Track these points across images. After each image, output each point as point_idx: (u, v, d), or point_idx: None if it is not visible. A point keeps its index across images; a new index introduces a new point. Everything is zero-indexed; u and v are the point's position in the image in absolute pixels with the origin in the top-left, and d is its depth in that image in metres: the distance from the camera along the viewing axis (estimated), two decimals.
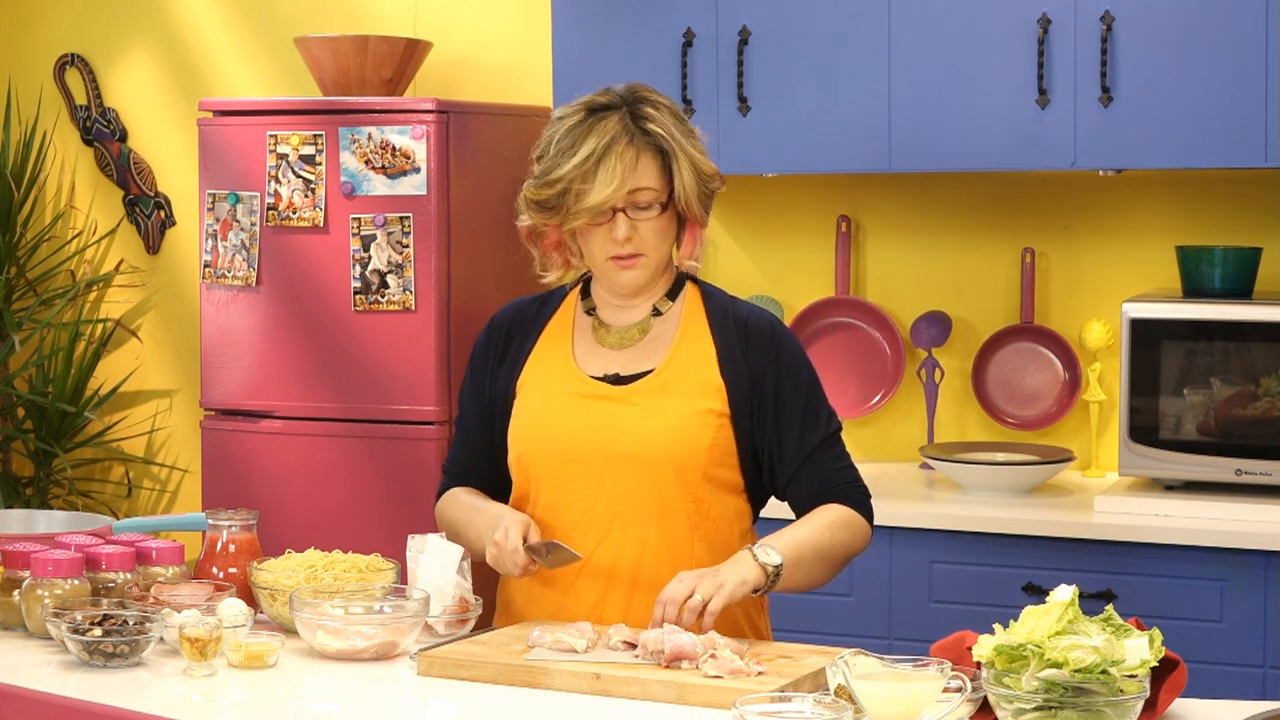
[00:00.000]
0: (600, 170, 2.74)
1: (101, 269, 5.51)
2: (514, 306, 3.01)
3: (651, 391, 2.82)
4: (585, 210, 2.76)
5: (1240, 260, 4.03)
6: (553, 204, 2.79)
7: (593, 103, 2.82)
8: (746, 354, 2.84)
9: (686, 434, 2.79)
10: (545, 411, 2.86)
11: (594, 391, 2.84)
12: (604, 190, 2.74)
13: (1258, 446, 3.88)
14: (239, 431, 4.66)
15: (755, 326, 2.87)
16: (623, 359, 2.87)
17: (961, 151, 4.13)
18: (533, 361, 2.90)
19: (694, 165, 2.80)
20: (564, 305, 2.95)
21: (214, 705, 2.50)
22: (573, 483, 2.82)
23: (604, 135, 2.76)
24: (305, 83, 5.04)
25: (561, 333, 2.92)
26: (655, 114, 2.80)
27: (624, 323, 2.90)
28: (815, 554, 2.77)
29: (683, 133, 2.81)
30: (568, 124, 2.80)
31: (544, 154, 2.82)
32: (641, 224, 2.79)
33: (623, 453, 2.79)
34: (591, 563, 2.80)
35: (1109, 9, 3.97)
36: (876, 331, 4.56)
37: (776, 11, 4.26)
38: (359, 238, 4.49)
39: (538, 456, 2.85)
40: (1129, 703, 2.16)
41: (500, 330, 2.98)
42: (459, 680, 2.54)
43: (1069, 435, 4.43)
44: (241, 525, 2.97)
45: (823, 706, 2.19)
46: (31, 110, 5.52)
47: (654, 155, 2.78)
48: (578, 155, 2.75)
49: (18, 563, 2.82)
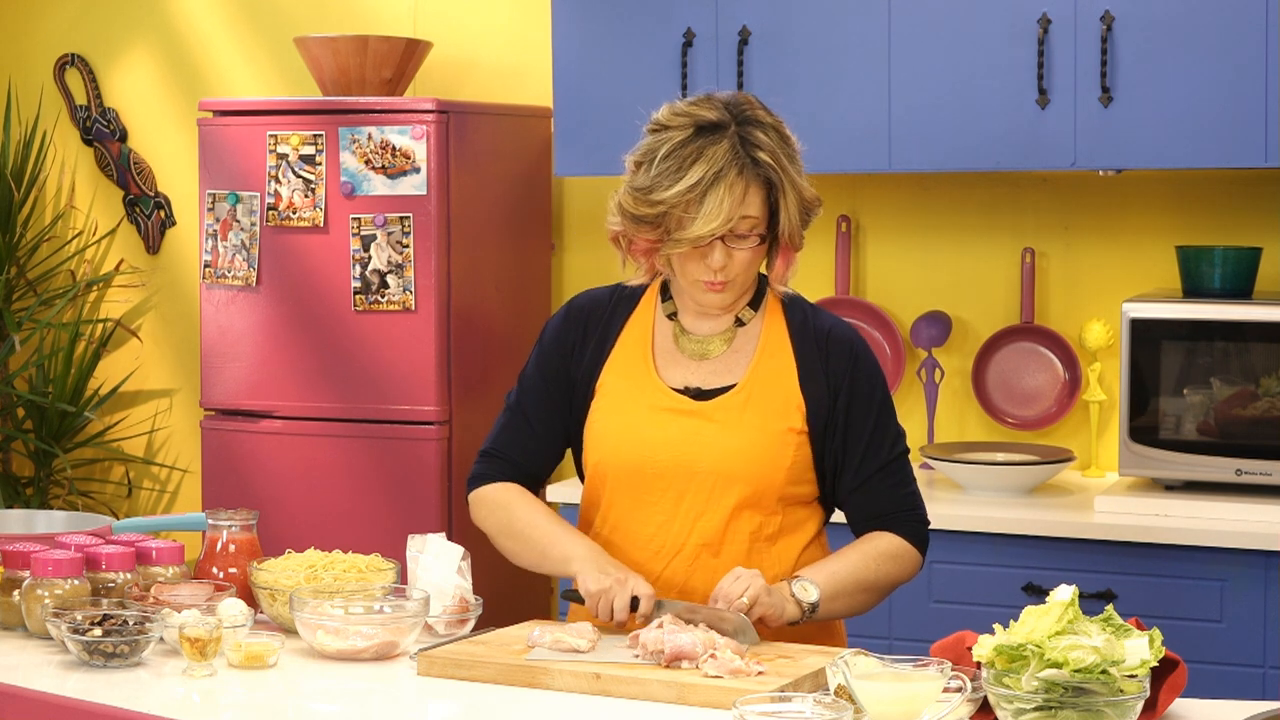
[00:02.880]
0: (708, 200, 2.66)
1: (101, 269, 5.51)
2: (590, 297, 2.92)
3: (733, 408, 2.77)
4: (687, 240, 2.68)
5: (1240, 260, 4.03)
6: (651, 220, 2.71)
7: (700, 118, 2.71)
8: (826, 367, 2.80)
9: (767, 454, 2.76)
10: (624, 422, 2.81)
11: (674, 405, 2.79)
12: (709, 224, 2.66)
13: (1258, 446, 3.88)
14: (239, 431, 4.66)
15: (836, 339, 2.82)
16: (704, 370, 2.82)
17: (961, 151, 4.13)
18: (613, 361, 2.85)
19: (799, 195, 2.73)
20: (643, 303, 2.88)
21: (214, 705, 2.50)
22: (649, 497, 2.79)
23: (713, 163, 2.66)
24: (305, 83, 5.04)
25: (642, 335, 2.85)
26: (764, 139, 2.70)
27: (706, 331, 2.84)
28: (856, 586, 2.75)
29: (788, 156, 2.73)
30: (674, 139, 2.70)
31: (645, 164, 2.72)
32: (738, 253, 2.72)
33: (702, 470, 2.76)
34: (663, 579, 2.78)
35: (1109, 9, 3.97)
36: (876, 331, 4.56)
37: (776, 11, 4.26)
38: (359, 238, 4.49)
39: (614, 468, 2.81)
40: (1129, 703, 2.16)
41: (578, 317, 2.89)
42: (459, 680, 2.54)
43: (1069, 435, 4.43)
44: (241, 525, 2.97)
45: (823, 706, 2.19)
46: (31, 110, 5.52)
47: (761, 186, 2.70)
48: (684, 181, 2.66)
49: (18, 563, 2.82)
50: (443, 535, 2.84)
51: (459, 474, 4.46)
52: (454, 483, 4.49)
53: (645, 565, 2.77)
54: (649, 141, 2.73)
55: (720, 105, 2.73)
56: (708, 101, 2.74)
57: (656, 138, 2.72)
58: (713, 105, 2.73)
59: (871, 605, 2.81)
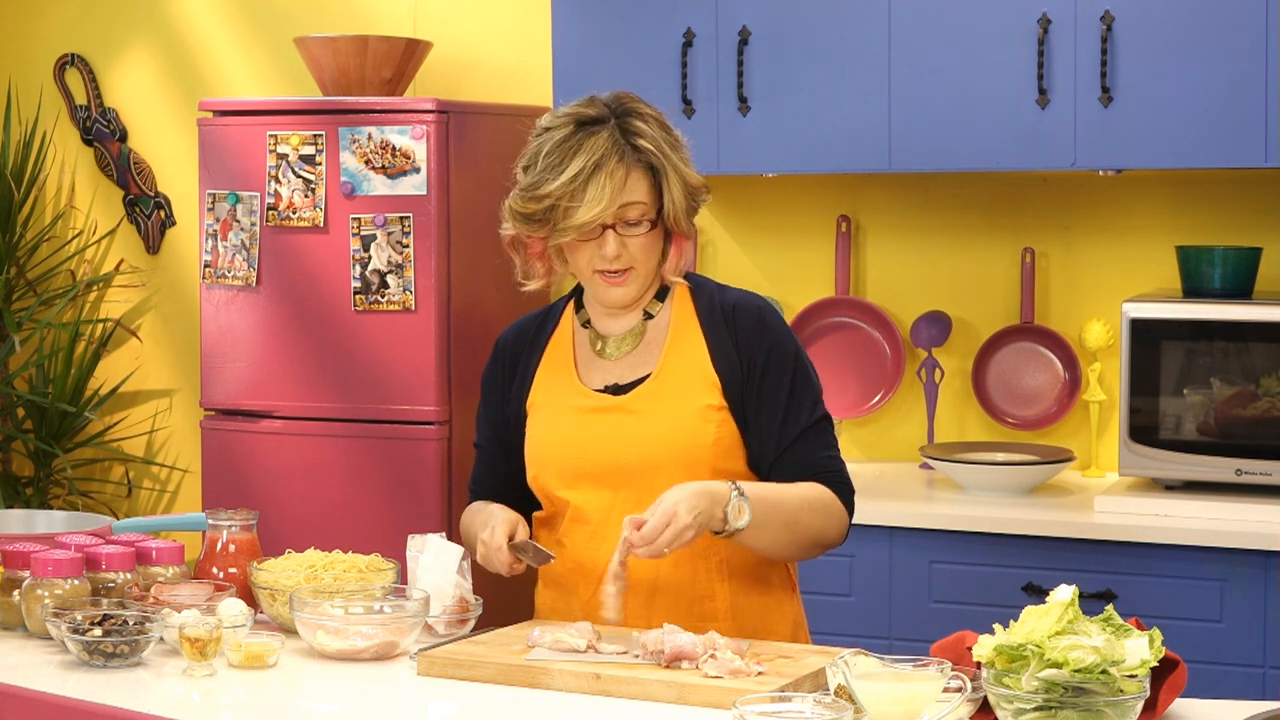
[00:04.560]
0: (589, 188, 2.73)
1: (101, 269, 5.51)
2: (516, 328, 3.00)
3: (650, 396, 2.82)
4: (573, 228, 2.75)
5: (1240, 260, 4.03)
6: (539, 218, 2.78)
7: (580, 115, 2.80)
8: (736, 341, 2.84)
9: (689, 434, 2.79)
10: (553, 431, 2.87)
11: (598, 404, 2.84)
12: (593, 209, 2.73)
13: (1258, 446, 3.88)
14: (239, 431, 4.66)
15: (742, 311, 2.86)
16: (621, 367, 2.87)
17: (961, 151, 4.13)
18: (539, 381, 2.91)
19: (683, 180, 2.79)
20: (562, 320, 2.95)
21: (214, 705, 2.50)
22: (588, 496, 2.83)
23: (593, 152, 2.74)
24: (305, 83, 5.04)
25: (563, 349, 2.92)
26: (644, 128, 2.78)
27: (618, 331, 2.90)
28: (783, 523, 2.74)
29: (671, 145, 2.80)
30: (556, 137, 2.78)
31: (530, 165, 2.81)
32: (630, 240, 2.78)
33: (630, 461, 2.80)
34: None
35: (1109, 9, 3.97)
36: (876, 331, 4.57)
37: (776, 11, 4.26)
38: (359, 238, 4.49)
39: (551, 476, 2.86)
40: (1129, 703, 2.16)
41: (505, 352, 2.98)
42: (459, 680, 2.54)
43: (1069, 435, 4.43)
44: (241, 525, 2.97)
45: (823, 706, 2.19)
46: (31, 110, 5.53)
47: (644, 172, 2.77)
48: (566, 172, 2.74)
49: (18, 563, 2.82)
50: (443, 535, 2.85)
51: (459, 474, 4.46)
52: (454, 483, 4.49)
53: (604, 558, 2.77)
54: (533, 145, 2.83)
55: (601, 103, 2.82)
56: (589, 101, 2.83)
57: (540, 139, 2.82)
58: (593, 103, 2.82)
59: (786, 551, 2.80)
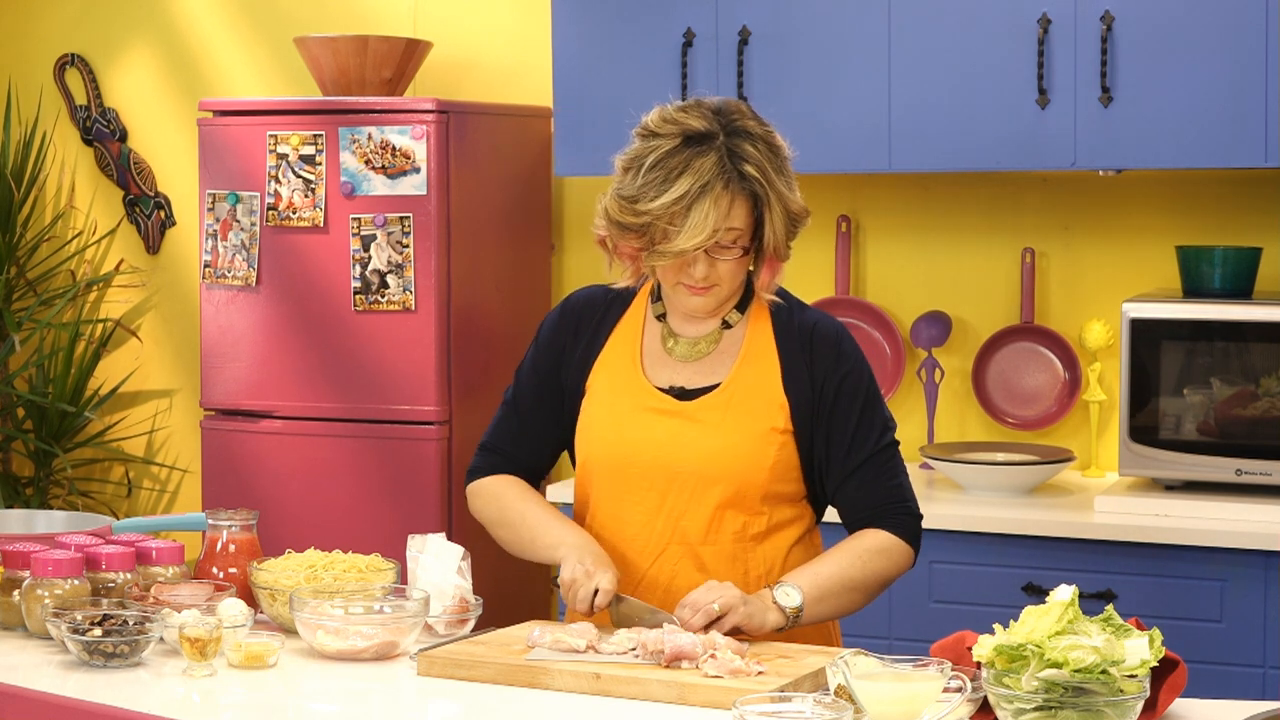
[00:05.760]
0: (692, 213, 2.65)
1: (101, 269, 5.51)
2: (586, 295, 2.94)
3: (716, 408, 2.78)
4: (671, 253, 2.68)
5: (1240, 260, 4.03)
6: (635, 229, 2.71)
7: (689, 129, 2.69)
8: (810, 364, 2.80)
9: (749, 454, 2.76)
10: (610, 421, 2.83)
11: (659, 405, 2.80)
12: (694, 238, 2.66)
13: (1258, 446, 3.88)
14: (239, 431, 4.66)
15: (820, 334, 2.82)
16: (689, 371, 2.83)
17: (961, 151, 4.13)
18: (602, 361, 2.86)
19: (785, 208, 2.71)
20: (635, 304, 2.89)
21: (214, 705, 2.50)
22: (632, 495, 2.80)
23: (699, 177, 2.65)
24: (305, 83, 5.04)
25: (631, 335, 2.87)
26: (753, 151, 2.68)
27: (693, 333, 2.85)
28: (843, 586, 2.74)
29: (776, 168, 2.71)
30: (662, 149, 2.69)
31: (631, 169, 2.72)
32: (721, 263, 2.73)
33: (684, 470, 2.77)
34: (648, 578, 2.79)
35: (1109, 9, 3.97)
36: (876, 331, 4.56)
37: (776, 11, 4.26)
38: (359, 238, 4.49)
39: (599, 466, 2.83)
40: (1129, 703, 2.16)
41: (572, 316, 2.91)
42: (459, 680, 2.54)
43: (1069, 435, 4.43)
44: (241, 525, 2.97)
45: (823, 706, 2.19)
46: (31, 110, 5.52)
47: (746, 199, 2.69)
48: (670, 193, 2.65)
49: (18, 563, 2.82)
50: (443, 535, 2.84)
51: (459, 474, 4.46)
52: (454, 483, 4.49)
53: (632, 563, 2.78)
54: (637, 147, 2.73)
55: (710, 114, 2.71)
56: (697, 109, 2.72)
57: (644, 144, 2.72)
58: (702, 114, 2.71)
59: (862, 604, 2.80)
